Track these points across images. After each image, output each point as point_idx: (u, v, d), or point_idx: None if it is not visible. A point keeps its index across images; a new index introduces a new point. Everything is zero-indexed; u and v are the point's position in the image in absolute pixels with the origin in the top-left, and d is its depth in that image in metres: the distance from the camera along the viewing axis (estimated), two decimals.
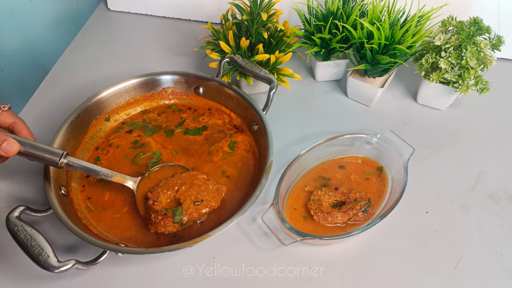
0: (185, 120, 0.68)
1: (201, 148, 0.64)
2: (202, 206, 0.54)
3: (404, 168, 0.59)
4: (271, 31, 0.71)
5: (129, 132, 0.66)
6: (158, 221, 0.52)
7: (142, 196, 0.56)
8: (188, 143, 0.65)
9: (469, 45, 0.63)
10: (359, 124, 0.71)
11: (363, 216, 0.56)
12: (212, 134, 0.66)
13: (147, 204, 0.55)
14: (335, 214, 0.56)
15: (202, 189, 0.55)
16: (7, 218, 0.49)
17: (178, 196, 0.54)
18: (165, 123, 0.68)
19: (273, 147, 0.58)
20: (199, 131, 0.66)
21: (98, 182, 0.60)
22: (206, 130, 0.66)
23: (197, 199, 0.54)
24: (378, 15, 0.66)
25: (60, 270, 0.46)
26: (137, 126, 0.67)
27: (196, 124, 0.67)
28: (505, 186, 0.63)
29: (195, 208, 0.53)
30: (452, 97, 0.70)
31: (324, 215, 0.56)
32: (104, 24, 0.91)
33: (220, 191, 0.56)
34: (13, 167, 0.64)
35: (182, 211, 0.53)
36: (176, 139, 0.65)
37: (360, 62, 0.69)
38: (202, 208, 0.54)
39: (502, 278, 0.54)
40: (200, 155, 0.63)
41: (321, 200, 0.57)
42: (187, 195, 0.54)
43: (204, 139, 0.65)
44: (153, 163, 0.60)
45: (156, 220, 0.52)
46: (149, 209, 0.54)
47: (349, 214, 0.56)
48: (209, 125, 0.67)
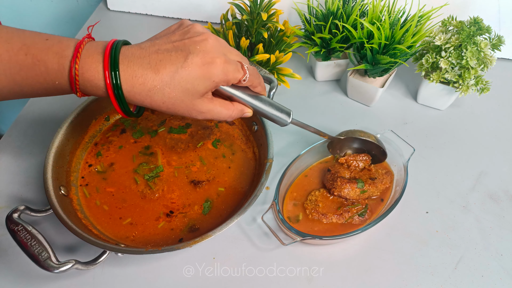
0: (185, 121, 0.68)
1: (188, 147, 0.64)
2: (377, 182, 0.59)
3: (404, 168, 0.59)
4: (271, 31, 0.71)
5: (123, 132, 0.66)
6: (344, 185, 0.57)
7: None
8: (174, 142, 0.65)
9: (469, 45, 0.63)
10: (359, 124, 0.71)
11: (359, 220, 0.56)
12: (197, 131, 0.66)
13: (330, 173, 0.60)
14: (330, 216, 0.56)
15: (373, 171, 0.61)
16: (7, 218, 0.49)
17: (353, 174, 0.60)
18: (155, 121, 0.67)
19: (273, 147, 0.58)
20: (183, 129, 0.66)
21: (98, 173, 0.61)
22: (190, 127, 0.66)
23: (371, 177, 0.59)
24: (378, 15, 0.66)
25: (60, 270, 0.46)
26: (127, 124, 0.67)
27: (180, 122, 0.67)
28: (505, 186, 0.63)
29: (372, 182, 0.58)
30: (452, 97, 0.70)
31: (319, 215, 0.56)
32: (104, 24, 0.91)
33: (389, 175, 0.60)
34: (13, 167, 0.64)
35: (363, 182, 0.58)
36: (161, 139, 0.65)
37: (360, 62, 0.69)
38: (378, 184, 0.58)
39: (502, 278, 0.54)
40: (185, 152, 0.63)
41: (317, 200, 0.57)
42: (361, 174, 0.60)
43: (189, 137, 0.65)
44: (150, 177, 0.60)
45: (342, 184, 0.57)
46: (335, 176, 0.59)
47: (345, 216, 0.56)
48: (193, 122, 0.67)
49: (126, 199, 0.58)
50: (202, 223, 0.56)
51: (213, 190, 0.60)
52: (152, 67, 0.40)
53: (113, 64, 0.40)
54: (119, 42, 0.42)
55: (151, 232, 0.55)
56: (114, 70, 0.40)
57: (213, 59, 0.42)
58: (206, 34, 0.43)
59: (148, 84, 0.41)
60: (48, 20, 1.07)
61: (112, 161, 0.62)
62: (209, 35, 0.43)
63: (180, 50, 0.41)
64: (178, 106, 0.43)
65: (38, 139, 0.67)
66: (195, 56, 0.41)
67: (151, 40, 0.44)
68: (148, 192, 0.59)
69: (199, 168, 0.62)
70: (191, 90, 0.42)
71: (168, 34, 0.44)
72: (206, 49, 0.42)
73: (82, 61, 0.40)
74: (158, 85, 0.41)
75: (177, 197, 0.59)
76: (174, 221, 0.56)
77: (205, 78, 0.42)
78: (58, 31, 1.09)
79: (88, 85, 0.41)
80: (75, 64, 0.40)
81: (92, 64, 0.40)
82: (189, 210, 0.57)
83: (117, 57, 0.40)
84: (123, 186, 0.60)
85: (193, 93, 0.42)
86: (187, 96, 0.42)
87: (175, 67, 0.41)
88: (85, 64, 0.40)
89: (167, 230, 0.56)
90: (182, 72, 0.41)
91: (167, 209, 0.58)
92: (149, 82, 0.41)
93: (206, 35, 0.43)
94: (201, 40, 0.42)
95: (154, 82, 0.41)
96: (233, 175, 0.61)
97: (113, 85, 0.40)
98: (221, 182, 0.61)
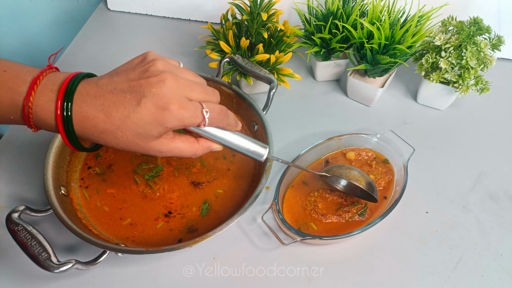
0: None
1: None
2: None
3: (404, 168, 0.59)
4: (271, 31, 0.71)
5: None
6: None
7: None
8: None
9: (469, 45, 0.63)
10: (359, 124, 0.71)
11: (359, 220, 0.56)
12: None
13: (328, 165, 0.60)
14: (330, 217, 0.56)
15: (373, 167, 0.61)
16: (7, 218, 0.49)
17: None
18: None
19: (273, 147, 0.58)
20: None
21: (97, 175, 0.60)
22: None
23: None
24: (378, 15, 0.66)
25: (60, 270, 0.46)
26: None
27: None
28: (505, 186, 0.63)
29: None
30: (452, 97, 0.70)
31: (319, 216, 0.56)
32: (104, 24, 0.91)
33: (389, 174, 0.60)
34: (13, 167, 0.64)
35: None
36: None
37: (360, 62, 0.69)
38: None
39: (502, 278, 0.54)
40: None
41: (317, 201, 0.57)
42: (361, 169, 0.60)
43: None
44: (150, 176, 0.60)
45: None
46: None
47: (345, 217, 0.56)
48: None
49: (127, 200, 0.58)
50: (200, 224, 0.56)
51: (212, 192, 0.60)
52: (104, 109, 0.39)
53: (65, 105, 0.38)
54: (77, 77, 0.40)
55: (150, 233, 0.55)
56: (67, 112, 0.38)
57: (167, 105, 0.39)
58: (164, 74, 0.40)
59: (100, 127, 0.39)
60: (48, 20, 1.07)
61: (110, 163, 0.62)
62: (166, 76, 0.40)
63: (135, 92, 0.39)
64: (133, 147, 0.41)
65: (38, 139, 0.67)
66: (148, 100, 0.39)
67: (111, 75, 0.41)
68: (149, 192, 0.59)
69: (199, 169, 0.62)
70: (144, 135, 0.40)
71: (128, 69, 0.42)
72: (160, 93, 0.39)
73: (36, 99, 0.39)
74: (110, 128, 0.39)
75: (176, 197, 0.59)
76: (173, 221, 0.56)
77: (157, 123, 0.40)
78: (58, 31, 1.09)
79: (42, 123, 0.40)
80: (29, 102, 0.38)
81: (46, 103, 0.39)
82: (187, 211, 0.57)
83: (71, 96, 0.39)
84: (123, 186, 0.60)
85: (146, 137, 0.40)
86: (140, 139, 0.41)
87: (127, 111, 0.39)
88: (39, 102, 0.39)
89: (166, 230, 0.56)
90: (133, 117, 0.39)
91: (166, 210, 0.58)
92: (100, 125, 0.39)
93: (163, 75, 0.40)
94: (157, 81, 0.39)
95: (106, 125, 0.39)
96: (232, 177, 0.61)
97: (65, 127, 0.39)
98: (220, 184, 0.61)
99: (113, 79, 0.41)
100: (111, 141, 0.41)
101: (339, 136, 0.62)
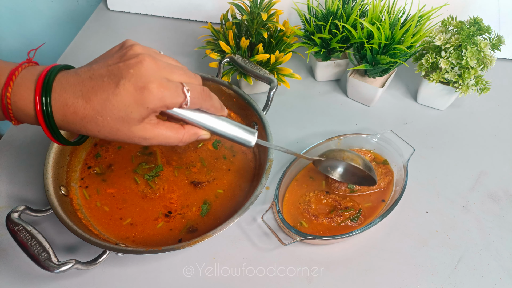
0: None
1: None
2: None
3: (404, 168, 0.59)
4: (271, 31, 0.71)
5: None
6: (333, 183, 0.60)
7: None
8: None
9: (469, 45, 0.63)
10: (359, 124, 0.71)
11: (352, 226, 0.56)
12: None
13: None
14: (322, 218, 0.56)
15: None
16: (7, 218, 0.49)
17: None
18: None
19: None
20: None
21: (97, 175, 0.60)
22: None
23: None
24: (378, 15, 0.66)
25: (60, 270, 0.46)
26: None
27: None
28: (505, 186, 0.63)
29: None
30: (452, 97, 0.70)
31: (311, 216, 0.56)
32: (104, 24, 0.91)
33: (388, 174, 0.60)
34: (13, 167, 0.64)
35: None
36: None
37: (360, 62, 0.69)
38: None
39: (502, 278, 0.54)
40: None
41: (311, 202, 0.57)
42: None
43: None
44: (150, 176, 0.60)
45: (332, 182, 0.60)
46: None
47: (337, 221, 0.56)
48: None
49: (127, 200, 0.58)
50: (200, 224, 0.56)
51: (212, 192, 0.60)
52: (83, 95, 0.38)
53: (44, 92, 0.38)
54: (56, 68, 0.40)
55: (150, 233, 0.55)
56: (46, 98, 0.38)
57: (146, 84, 0.38)
58: (142, 55, 0.39)
59: (80, 113, 0.38)
60: (48, 20, 1.07)
61: (110, 163, 0.62)
62: (144, 57, 0.39)
63: (113, 75, 0.38)
64: (115, 134, 0.40)
65: (38, 139, 0.67)
66: (127, 82, 0.38)
67: (90, 64, 0.41)
68: (149, 192, 0.59)
69: (200, 169, 0.62)
70: (125, 118, 0.39)
71: (107, 57, 0.41)
72: (139, 73, 0.38)
73: (14, 89, 0.38)
74: (90, 114, 0.38)
75: (176, 197, 0.59)
76: (173, 221, 0.56)
77: (138, 105, 0.38)
78: (58, 31, 1.09)
79: (21, 113, 0.39)
80: (7, 93, 0.38)
81: (24, 92, 0.38)
82: (187, 211, 0.57)
83: (50, 85, 0.38)
84: (123, 186, 0.60)
85: (127, 121, 0.39)
86: (122, 124, 0.39)
87: (106, 94, 0.38)
88: (18, 92, 0.38)
89: (166, 230, 0.56)
90: (113, 100, 0.38)
91: (166, 210, 0.58)
92: (80, 111, 0.38)
93: (141, 56, 0.39)
94: (135, 63, 0.39)
95: (86, 111, 0.38)
96: (232, 177, 0.61)
97: (44, 115, 0.38)
98: (220, 184, 0.61)
99: (92, 67, 0.40)
100: (93, 128, 0.40)
101: (339, 136, 0.62)
